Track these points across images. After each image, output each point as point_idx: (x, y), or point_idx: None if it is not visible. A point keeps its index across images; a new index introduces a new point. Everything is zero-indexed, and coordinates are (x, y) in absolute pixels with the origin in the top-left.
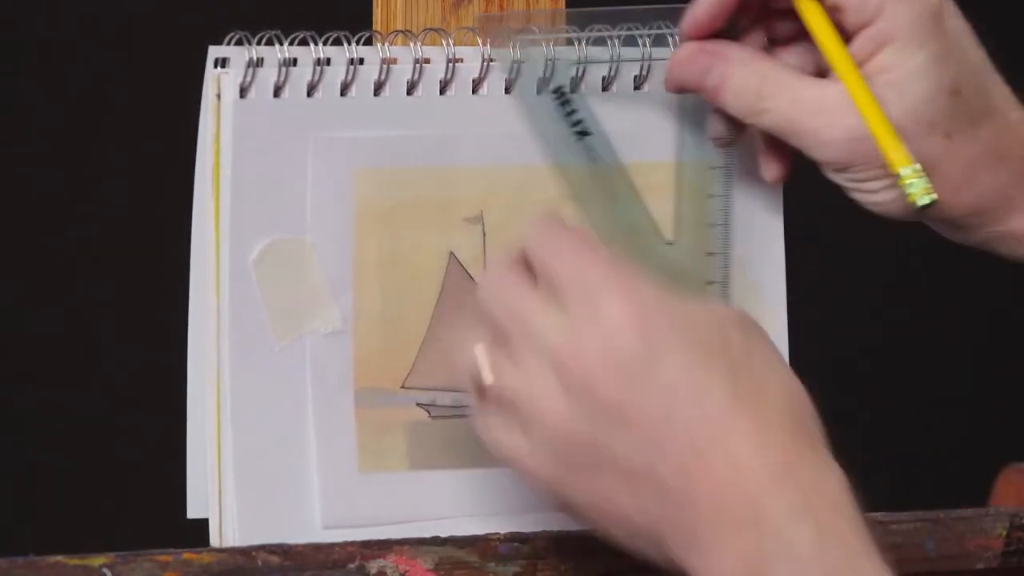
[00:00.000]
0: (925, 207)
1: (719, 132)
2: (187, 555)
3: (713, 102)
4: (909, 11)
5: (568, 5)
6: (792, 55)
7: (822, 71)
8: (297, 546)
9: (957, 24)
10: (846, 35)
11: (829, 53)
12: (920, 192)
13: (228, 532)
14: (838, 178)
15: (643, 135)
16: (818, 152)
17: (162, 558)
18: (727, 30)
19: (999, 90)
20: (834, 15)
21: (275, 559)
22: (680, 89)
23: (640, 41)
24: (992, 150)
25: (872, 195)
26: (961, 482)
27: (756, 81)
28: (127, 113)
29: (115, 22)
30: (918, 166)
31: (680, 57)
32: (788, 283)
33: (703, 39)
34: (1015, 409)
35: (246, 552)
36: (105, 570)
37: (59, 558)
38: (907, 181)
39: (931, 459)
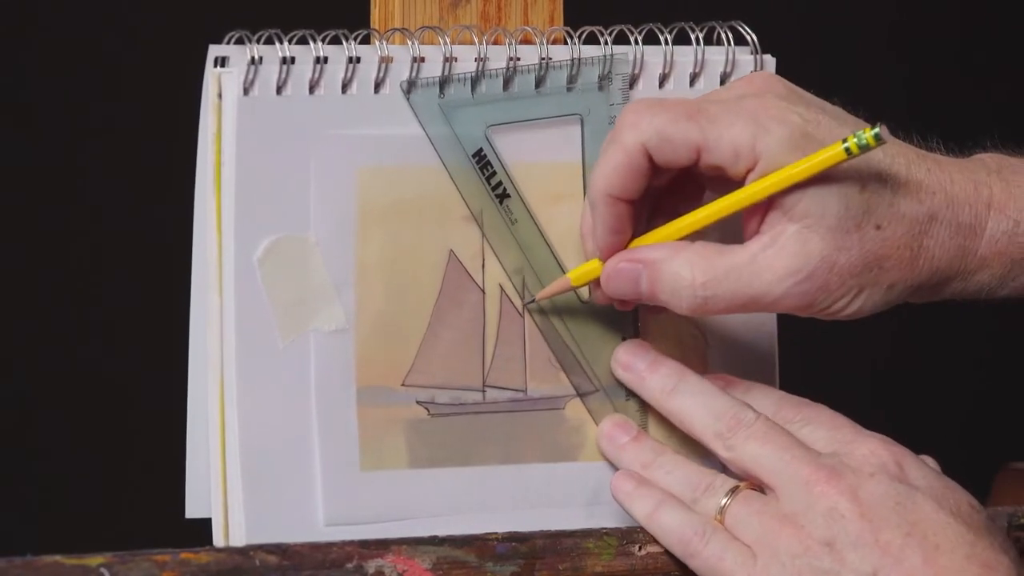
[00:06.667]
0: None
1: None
2: (185, 555)
3: (653, 304)
4: (777, 138)
5: (566, 5)
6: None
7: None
8: (295, 545)
9: (829, 130)
10: (737, 186)
11: (737, 204)
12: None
13: (232, 530)
14: (806, 314)
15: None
16: (777, 307)
17: (160, 558)
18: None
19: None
20: (720, 172)
21: (273, 559)
22: (616, 299)
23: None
24: (928, 215)
25: (843, 311)
26: (960, 481)
27: (687, 273)
28: (125, 112)
29: (113, 22)
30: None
31: (607, 273)
32: None
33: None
34: (1014, 409)
35: (244, 552)
36: (103, 570)
37: (57, 558)
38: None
39: None
